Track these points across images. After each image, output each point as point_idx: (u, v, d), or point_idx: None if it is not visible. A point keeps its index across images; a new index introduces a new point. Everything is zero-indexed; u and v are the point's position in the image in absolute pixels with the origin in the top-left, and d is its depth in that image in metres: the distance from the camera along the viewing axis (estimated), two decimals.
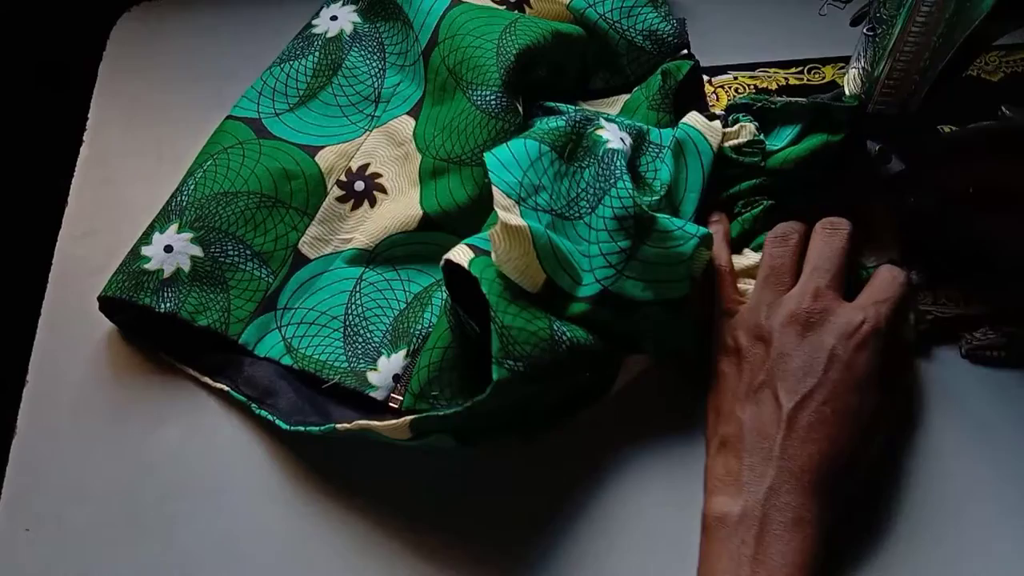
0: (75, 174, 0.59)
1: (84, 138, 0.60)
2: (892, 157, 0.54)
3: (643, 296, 0.46)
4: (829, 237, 0.48)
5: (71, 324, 0.52)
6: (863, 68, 0.51)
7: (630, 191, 0.46)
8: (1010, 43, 0.61)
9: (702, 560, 0.42)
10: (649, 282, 0.46)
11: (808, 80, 0.61)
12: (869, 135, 0.53)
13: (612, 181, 0.47)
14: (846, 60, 0.52)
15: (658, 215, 0.46)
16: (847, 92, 0.53)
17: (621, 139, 0.50)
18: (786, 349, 0.44)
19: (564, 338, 0.44)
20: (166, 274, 0.51)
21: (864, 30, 0.50)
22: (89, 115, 0.61)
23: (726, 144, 0.52)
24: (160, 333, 0.51)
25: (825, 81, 0.61)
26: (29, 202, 0.67)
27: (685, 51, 0.59)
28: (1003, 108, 0.57)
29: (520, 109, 0.54)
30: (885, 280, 0.47)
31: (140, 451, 0.48)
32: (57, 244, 0.56)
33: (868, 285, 0.47)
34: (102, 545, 0.46)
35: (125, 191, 0.57)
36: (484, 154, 0.47)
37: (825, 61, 0.61)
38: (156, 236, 0.52)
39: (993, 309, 0.50)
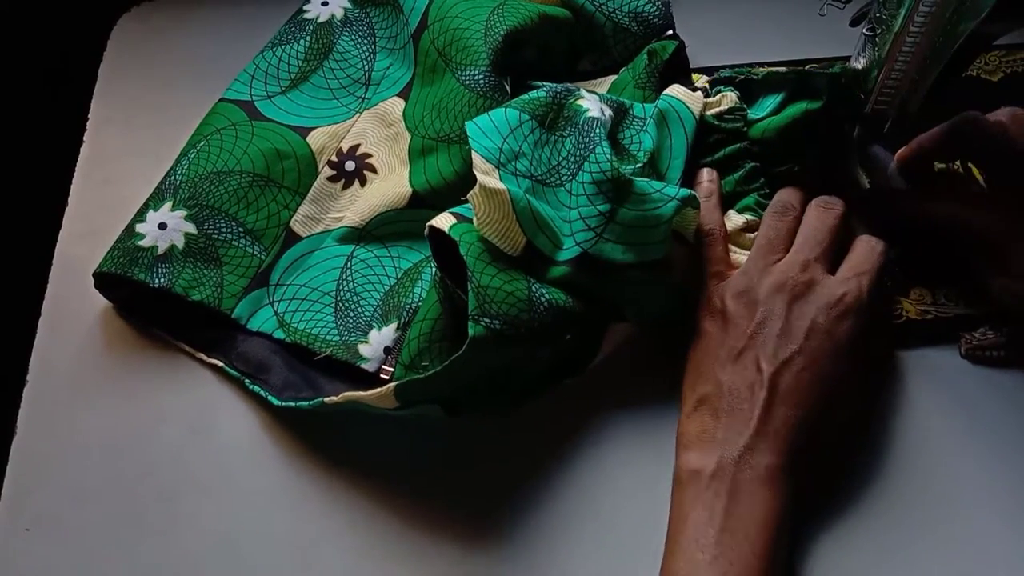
0: (75, 174, 0.59)
1: (84, 138, 0.60)
2: (891, 156, 0.54)
3: (623, 259, 0.46)
4: (823, 213, 0.49)
5: (71, 324, 0.52)
6: (863, 68, 0.51)
7: (608, 156, 0.47)
8: (1010, 43, 0.61)
9: (674, 510, 0.43)
10: (629, 244, 0.46)
11: None
12: (869, 135, 0.53)
13: (591, 147, 0.47)
14: (846, 60, 0.52)
15: (635, 178, 0.46)
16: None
17: (601, 110, 0.50)
18: (770, 316, 0.45)
19: (542, 299, 0.45)
20: (160, 251, 0.51)
21: (864, 30, 0.50)
22: (89, 115, 0.61)
23: (708, 112, 0.52)
24: (155, 310, 0.52)
25: None
26: (29, 202, 0.67)
27: (670, 31, 0.59)
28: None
29: (507, 88, 0.55)
30: (864, 251, 0.48)
31: (140, 451, 0.49)
32: (57, 244, 0.56)
33: (848, 257, 0.48)
34: (102, 545, 0.46)
35: (125, 191, 0.56)
36: (466, 123, 0.48)
37: (825, 61, 0.61)
38: (150, 214, 0.53)
39: (993, 309, 0.50)
